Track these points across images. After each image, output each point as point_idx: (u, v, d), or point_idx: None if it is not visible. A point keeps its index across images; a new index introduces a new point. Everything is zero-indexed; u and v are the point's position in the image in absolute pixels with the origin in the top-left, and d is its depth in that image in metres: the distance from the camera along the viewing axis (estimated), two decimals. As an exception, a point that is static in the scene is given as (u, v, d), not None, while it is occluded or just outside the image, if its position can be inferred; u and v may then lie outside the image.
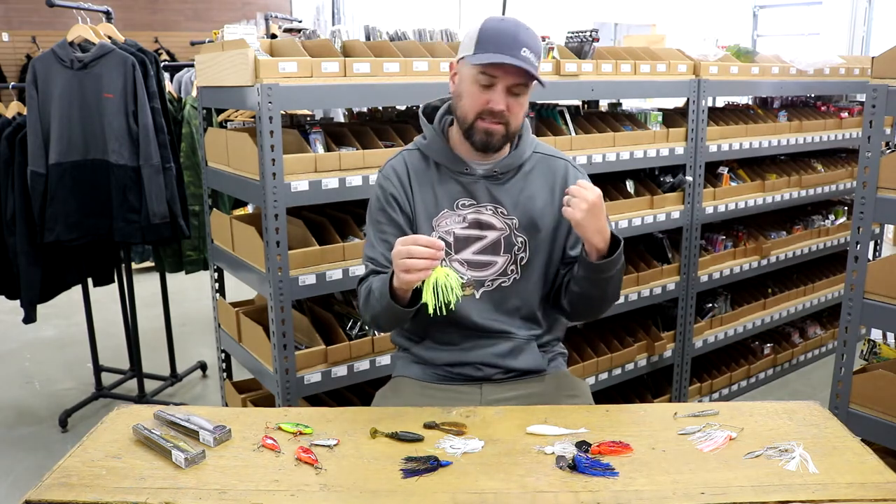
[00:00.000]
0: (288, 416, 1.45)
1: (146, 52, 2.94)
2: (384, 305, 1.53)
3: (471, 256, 1.66)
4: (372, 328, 2.39)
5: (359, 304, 1.69)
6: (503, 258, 1.67)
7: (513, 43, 1.51)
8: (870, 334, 3.06)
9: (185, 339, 4.25)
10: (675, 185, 3.09)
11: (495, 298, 1.68)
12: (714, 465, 1.27)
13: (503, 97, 1.55)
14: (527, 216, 1.67)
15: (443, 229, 1.66)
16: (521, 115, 1.61)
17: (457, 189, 1.66)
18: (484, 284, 1.67)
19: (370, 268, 1.68)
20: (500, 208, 1.66)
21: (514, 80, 1.54)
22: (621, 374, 3.06)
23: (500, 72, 1.53)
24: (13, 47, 7.36)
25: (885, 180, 2.12)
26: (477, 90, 1.56)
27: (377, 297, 1.56)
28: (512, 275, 1.68)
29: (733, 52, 3.37)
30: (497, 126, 1.58)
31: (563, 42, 2.82)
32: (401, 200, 1.68)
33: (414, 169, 1.69)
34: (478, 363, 1.70)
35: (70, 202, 2.87)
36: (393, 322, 1.66)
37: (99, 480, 1.22)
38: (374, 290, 1.57)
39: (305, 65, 2.13)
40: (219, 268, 2.83)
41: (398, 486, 1.21)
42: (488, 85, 1.55)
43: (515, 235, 1.66)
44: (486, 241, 1.66)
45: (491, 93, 1.55)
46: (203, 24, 7.86)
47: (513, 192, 1.67)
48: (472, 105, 1.58)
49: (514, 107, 1.57)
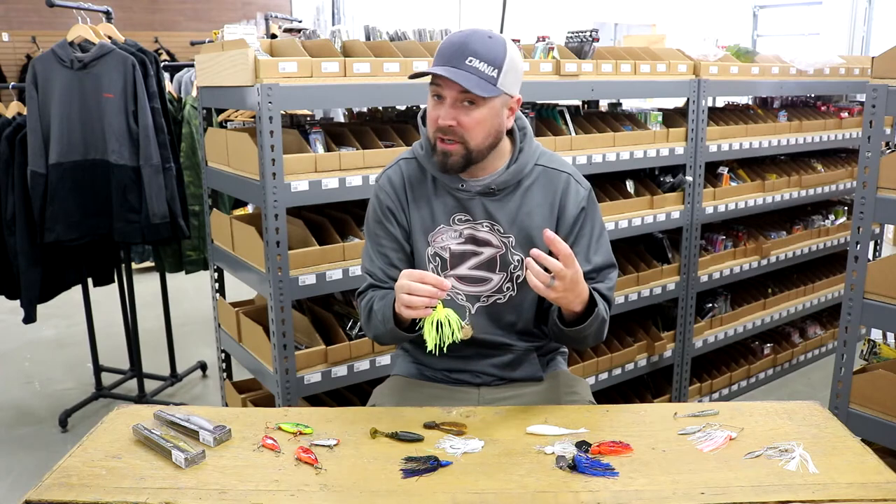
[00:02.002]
0: (288, 416, 1.45)
1: (146, 52, 2.94)
2: (388, 329, 1.53)
3: (466, 272, 1.63)
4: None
5: (360, 320, 1.69)
6: (498, 276, 1.62)
7: (458, 53, 1.44)
8: (870, 334, 3.05)
9: (185, 339, 4.25)
10: (675, 185, 3.09)
11: (491, 314, 1.65)
12: (714, 465, 1.27)
13: (449, 111, 1.47)
14: (524, 234, 1.60)
15: (439, 245, 1.63)
16: (479, 130, 1.50)
17: (452, 204, 1.61)
18: (479, 300, 1.64)
19: (369, 281, 1.66)
20: (496, 225, 1.60)
21: (458, 91, 1.46)
22: (621, 374, 3.05)
23: (443, 83, 1.47)
24: (13, 47, 7.36)
25: (885, 180, 2.12)
26: (431, 106, 1.52)
27: (380, 320, 1.56)
28: (508, 292, 1.64)
29: (733, 52, 3.37)
30: (453, 146, 1.50)
31: (563, 42, 2.82)
32: (397, 213, 1.65)
33: (410, 181, 1.65)
34: (476, 371, 1.69)
35: (70, 202, 2.87)
36: (395, 342, 1.67)
37: (99, 480, 1.22)
38: (377, 311, 1.57)
39: (305, 65, 2.13)
40: (219, 268, 2.83)
41: (398, 486, 1.21)
42: (438, 99, 1.50)
43: (512, 253, 1.61)
44: (482, 258, 1.62)
45: (441, 108, 1.49)
46: (203, 24, 7.86)
47: (510, 209, 1.60)
48: (429, 124, 1.53)
49: (465, 121, 1.48)
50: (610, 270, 1.64)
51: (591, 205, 1.65)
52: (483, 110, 1.48)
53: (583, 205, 1.63)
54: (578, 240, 1.62)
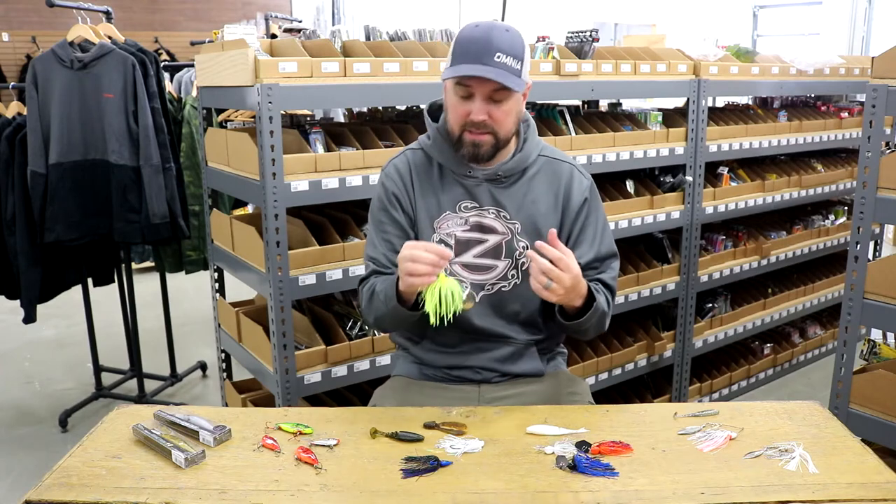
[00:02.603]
0: (288, 416, 1.45)
1: (146, 52, 2.94)
2: (390, 308, 1.53)
3: (471, 260, 1.65)
4: (373, 329, 2.38)
5: (360, 305, 1.68)
6: (504, 262, 1.65)
7: (484, 50, 1.48)
8: (870, 334, 3.06)
9: (185, 339, 4.25)
10: (675, 185, 3.09)
11: (494, 302, 1.66)
12: (714, 465, 1.27)
13: (482, 107, 1.52)
14: (530, 220, 1.65)
15: (444, 231, 1.64)
16: (509, 121, 1.57)
17: (459, 191, 1.65)
18: (484, 288, 1.66)
19: (371, 268, 1.67)
20: (502, 212, 1.64)
21: (491, 88, 1.50)
22: (621, 374, 3.05)
23: (474, 81, 1.51)
24: (13, 47, 7.36)
25: (885, 180, 2.12)
26: (457, 102, 1.54)
27: (382, 300, 1.55)
28: (512, 279, 1.66)
29: (733, 52, 3.37)
30: (483, 136, 1.55)
31: (563, 42, 2.82)
32: (402, 200, 1.67)
33: (417, 169, 1.68)
34: (477, 367, 1.69)
35: (70, 202, 2.87)
36: (396, 324, 1.65)
37: (99, 480, 1.22)
38: (379, 291, 1.57)
39: (305, 65, 2.13)
40: (219, 268, 2.83)
41: (398, 486, 1.21)
42: (466, 96, 1.53)
43: (517, 240, 1.64)
44: (488, 245, 1.65)
45: (470, 104, 1.53)
46: (203, 24, 7.86)
47: (516, 196, 1.65)
48: (455, 118, 1.56)
49: (496, 114, 1.53)
50: (612, 260, 1.70)
51: (593, 195, 1.71)
52: (511, 102, 1.55)
53: (586, 195, 1.68)
54: (584, 229, 1.67)
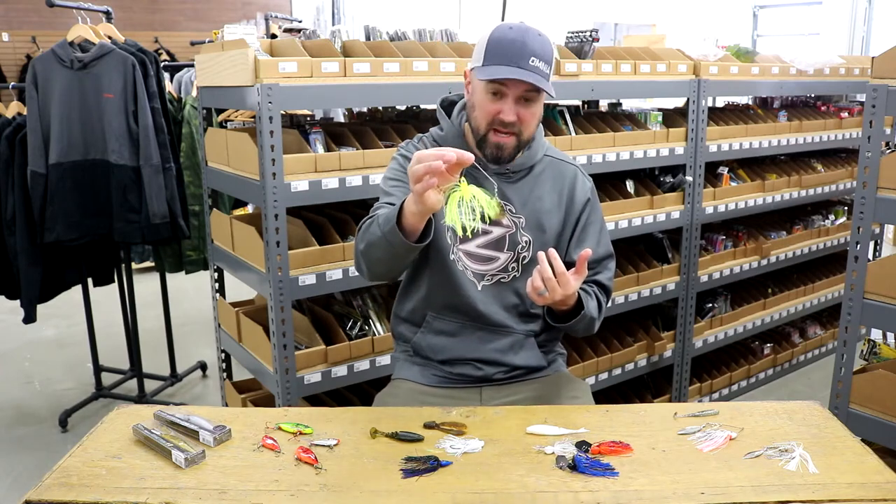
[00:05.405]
0: (288, 416, 1.45)
1: (146, 52, 2.94)
2: (385, 231, 1.40)
3: (474, 249, 1.68)
4: (358, 270, 1.75)
5: (355, 240, 1.57)
6: (506, 255, 1.68)
7: (520, 53, 1.51)
8: (870, 334, 3.05)
9: (185, 339, 4.25)
10: (675, 185, 3.09)
11: (494, 293, 1.69)
12: (714, 465, 1.27)
13: (513, 107, 1.55)
14: (534, 216, 1.68)
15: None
16: (534, 123, 1.61)
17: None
18: (484, 278, 1.69)
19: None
20: (508, 206, 1.67)
21: (524, 89, 1.54)
22: (621, 374, 3.05)
23: (509, 82, 1.53)
24: (13, 47, 7.36)
25: (885, 180, 2.12)
26: (488, 101, 1.56)
27: (380, 223, 1.43)
28: (512, 272, 1.69)
29: (733, 52, 3.37)
30: (508, 138, 1.58)
31: (563, 42, 2.82)
32: None
33: None
34: (477, 360, 1.70)
35: (70, 202, 2.87)
36: (386, 260, 1.48)
37: (99, 480, 1.22)
38: (378, 216, 1.46)
39: (305, 65, 2.13)
40: (219, 268, 2.83)
41: (398, 486, 1.21)
42: (498, 96, 1.55)
43: (521, 234, 1.68)
44: (491, 237, 1.67)
45: (501, 103, 1.55)
46: (203, 24, 7.86)
47: (522, 191, 1.68)
48: (483, 116, 1.58)
49: (525, 116, 1.57)
50: (609, 260, 1.76)
51: (594, 198, 1.77)
52: (539, 104, 1.60)
53: (588, 196, 1.75)
54: (585, 229, 1.73)
